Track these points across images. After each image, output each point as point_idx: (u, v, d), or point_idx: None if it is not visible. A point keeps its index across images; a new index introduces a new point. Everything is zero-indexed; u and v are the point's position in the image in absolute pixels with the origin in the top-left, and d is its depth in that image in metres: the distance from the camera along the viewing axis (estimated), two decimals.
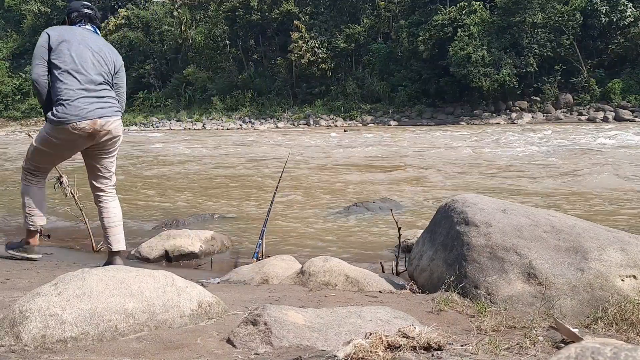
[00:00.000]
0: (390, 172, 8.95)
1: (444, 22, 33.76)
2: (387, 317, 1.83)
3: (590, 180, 7.17)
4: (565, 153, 11.17)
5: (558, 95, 32.42)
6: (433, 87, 34.62)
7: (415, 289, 2.62)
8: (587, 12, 31.80)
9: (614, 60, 32.53)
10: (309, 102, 39.51)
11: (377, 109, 36.55)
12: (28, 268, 3.10)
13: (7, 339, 1.53)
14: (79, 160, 3.36)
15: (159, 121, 41.42)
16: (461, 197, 2.76)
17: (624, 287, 2.19)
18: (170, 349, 1.57)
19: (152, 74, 46.52)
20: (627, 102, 29.75)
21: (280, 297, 2.36)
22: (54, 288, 1.67)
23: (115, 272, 1.80)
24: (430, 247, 2.72)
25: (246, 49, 44.19)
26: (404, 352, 1.37)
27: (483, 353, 1.54)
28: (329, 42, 39.34)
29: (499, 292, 2.24)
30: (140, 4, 52.26)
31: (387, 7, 39.51)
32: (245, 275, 2.99)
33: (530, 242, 2.35)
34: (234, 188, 7.56)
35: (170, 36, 46.92)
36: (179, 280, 1.88)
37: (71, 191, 3.98)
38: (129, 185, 7.87)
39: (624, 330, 1.96)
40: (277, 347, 1.56)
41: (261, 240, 3.54)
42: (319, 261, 2.82)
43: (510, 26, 32.11)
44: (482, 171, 8.71)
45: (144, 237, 4.30)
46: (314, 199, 6.31)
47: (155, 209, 5.88)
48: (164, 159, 12.98)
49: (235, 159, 12.37)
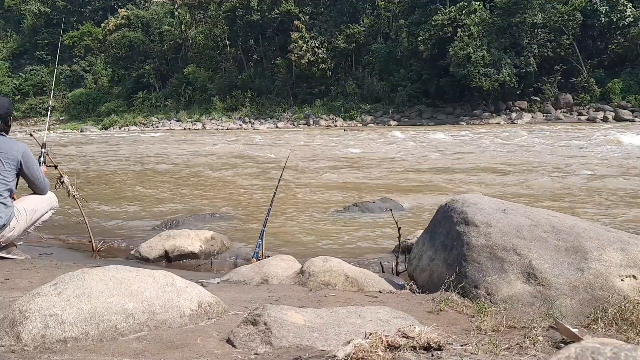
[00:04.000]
0: (390, 172, 8.96)
1: (444, 22, 33.75)
2: (387, 317, 1.83)
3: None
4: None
5: (558, 95, 32.43)
6: (433, 87, 34.60)
7: (415, 289, 2.62)
8: (587, 12, 31.80)
9: (613, 60, 32.53)
10: (309, 102, 39.50)
11: (377, 109, 36.54)
12: (28, 268, 3.10)
13: (7, 339, 1.53)
14: (79, 160, 3.37)
15: (158, 121, 41.41)
16: (461, 197, 2.76)
17: (623, 287, 2.19)
18: (170, 349, 1.57)
19: (152, 74, 46.50)
20: (627, 102, 29.74)
21: (280, 297, 2.36)
22: (54, 288, 1.67)
23: (115, 272, 1.80)
24: (430, 247, 2.72)
25: (246, 49, 44.18)
26: (404, 352, 1.37)
27: (483, 353, 1.54)
28: (329, 42, 39.34)
29: (498, 292, 2.24)
30: (140, 3, 52.26)
31: (387, 7, 39.51)
32: (245, 275, 2.99)
33: (530, 242, 2.35)
34: (234, 188, 7.55)
35: (170, 36, 46.91)
36: (178, 280, 1.88)
37: (71, 191, 3.98)
38: (129, 185, 7.87)
39: (623, 330, 1.96)
40: (277, 347, 1.56)
41: (261, 240, 3.54)
42: (318, 261, 2.82)
43: (510, 26, 32.11)
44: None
45: (144, 237, 4.30)
46: (314, 199, 6.31)
47: (155, 209, 5.88)
48: (164, 159, 12.99)
49: (236, 158, 12.38)
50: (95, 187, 7.56)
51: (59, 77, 49.77)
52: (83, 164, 11.88)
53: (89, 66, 50.71)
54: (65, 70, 50.87)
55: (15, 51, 56.45)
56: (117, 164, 11.91)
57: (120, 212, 5.73)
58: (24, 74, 51.85)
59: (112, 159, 13.23)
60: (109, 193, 7.20)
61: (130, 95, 46.58)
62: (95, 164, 12.00)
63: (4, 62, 53.96)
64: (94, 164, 11.90)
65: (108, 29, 49.83)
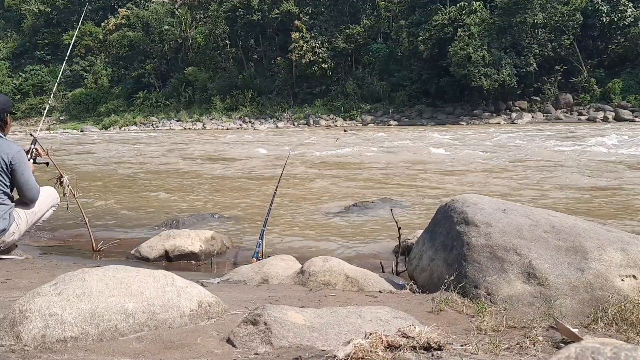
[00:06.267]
0: (389, 172, 8.95)
1: (444, 22, 33.76)
2: (387, 317, 1.83)
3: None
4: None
5: (558, 95, 32.45)
6: (433, 87, 34.61)
7: (415, 288, 2.62)
8: (588, 12, 31.80)
9: (614, 60, 32.55)
10: (309, 102, 39.52)
11: (377, 108, 36.56)
12: (28, 268, 3.10)
13: (7, 338, 1.53)
14: (79, 160, 3.38)
15: (158, 121, 41.43)
16: (461, 197, 2.76)
17: (623, 287, 2.19)
18: (170, 349, 1.57)
19: (152, 73, 46.53)
20: (627, 102, 29.77)
21: (280, 297, 2.36)
22: (54, 288, 1.67)
23: (115, 272, 1.80)
24: (430, 247, 2.72)
25: (246, 49, 44.19)
26: (404, 352, 1.37)
27: (483, 353, 1.54)
28: (329, 42, 39.36)
29: (498, 292, 2.24)
30: (140, 3, 52.27)
31: (387, 7, 39.53)
32: (245, 275, 2.98)
33: (530, 242, 2.34)
34: (233, 188, 7.55)
35: (171, 36, 46.92)
36: (178, 280, 1.88)
37: (71, 190, 3.98)
38: (129, 185, 7.87)
39: (623, 330, 1.96)
40: (277, 346, 1.56)
41: (261, 240, 3.54)
42: (319, 261, 2.81)
43: (511, 26, 32.11)
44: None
45: (144, 236, 4.29)
46: (314, 199, 6.30)
47: (155, 209, 5.88)
48: (163, 158, 12.99)
49: (235, 158, 12.37)
50: (95, 187, 7.57)
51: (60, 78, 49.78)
52: (83, 164, 11.88)
53: (89, 66, 50.74)
54: (65, 70, 50.89)
55: (15, 51, 56.46)
56: (117, 163, 11.91)
57: (121, 212, 5.73)
58: (24, 73, 51.85)
59: (112, 158, 13.24)
60: (109, 193, 7.20)
61: (130, 95, 46.59)
62: (95, 163, 12.01)
63: (4, 62, 53.97)
64: (94, 164, 11.90)
65: (108, 29, 49.86)
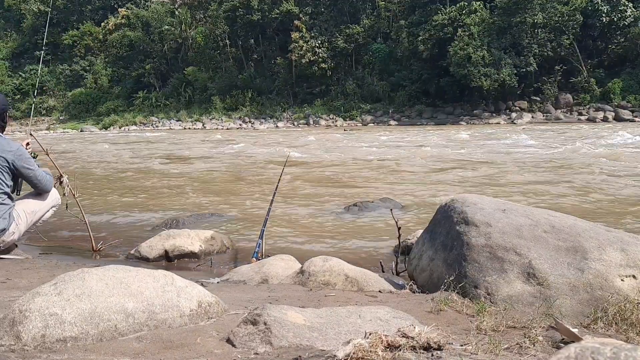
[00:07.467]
0: (389, 172, 8.96)
1: (444, 22, 33.76)
2: (387, 316, 1.83)
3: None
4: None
5: (558, 95, 32.44)
6: (433, 87, 34.61)
7: (415, 288, 2.62)
8: (588, 12, 31.80)
9: (614, 60, 32.55)
10: (309, 102, 39.51)
11: (377, 108, 36.56)
12: (28, 268, 3.10)
13: (7, 338, 1.53)
14: (79, 160, 3.38)
15: (158, 121, 41.43)
16: (461, 197, 2.76)
17: (623, 287, 2.19)
18: (170, 349, 1.57)
19: (152, 73, 46.51)
20: (627, 102, 29.77)
21: (280, 297, 2.36)
22: (54, 288, 1.67)
23: (115, 271, 1.80)
24: (430, 247, 2.72)
25: (246, 49, 44.18)
26: (404, 352, 1.37)
27: (483, 353, 1.54)
28: (329, 42, 39.35)
29: (498, 292, 2.24)
30: (140, 3, 52.24)
31: (387, 7, 39.52)
32: (245, 275, 2.98)
33: (530, 242, 2.34)
34: (233, 188, 7.55)
35: (170, 36, 46.90)
36: (178, 280, 1.88)
37: (71, 190, 3.97)
38: (129, 185, 7.87)
39: (623, 330, 1.96)
40: (276, 346, 1.56)
41: (261, 240, 3.54)
42: (318, 261, 2.81)
43: (511, 26, 32.11)
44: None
45: (143, 236, 4.29)
46: (314, 199, 6.30)
47: (155, 209, 5.88)
48: (163, 158, 12.99)
49: (235, 158, 12.37)
50: (95, 187, 7.57)
51: (60, 77, 49.78)
52: (82, 164, 11.88)
53: (89, 66, 50.71)
54: (65, 69, 50.88)
55: (15, 51, 56.42)
56: (117, 163, 11.91)
57: (121, 211, 5.73)
58: (24, 73, 51.82)
59: (111, 158, 13.24)
60: (108, 193, 7.20)
61: (130, 94, 46.57)
62: (95, 163, 12.00)
63: (4, 62, 53.93)
64: (93, 164, 11.90)
65: (108, 29, 49.85)
